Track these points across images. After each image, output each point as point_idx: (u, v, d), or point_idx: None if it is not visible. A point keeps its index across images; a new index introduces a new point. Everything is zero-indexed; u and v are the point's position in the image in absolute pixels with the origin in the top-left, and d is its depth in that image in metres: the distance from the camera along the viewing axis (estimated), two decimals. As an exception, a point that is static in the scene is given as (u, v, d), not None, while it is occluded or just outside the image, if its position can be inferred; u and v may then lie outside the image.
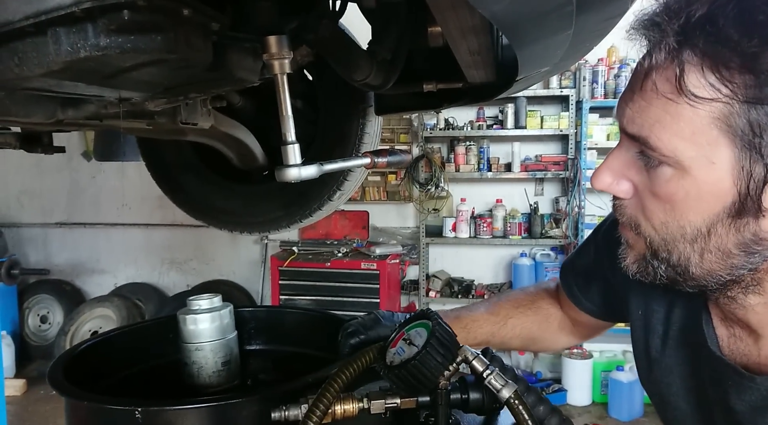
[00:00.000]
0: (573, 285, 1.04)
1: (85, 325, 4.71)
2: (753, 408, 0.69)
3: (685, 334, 0.79)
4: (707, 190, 0.60)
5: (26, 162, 5.12)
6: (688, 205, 0.61)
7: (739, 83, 0.55)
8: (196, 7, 0.68)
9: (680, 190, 0.61)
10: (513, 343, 1.15)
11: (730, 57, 0.54)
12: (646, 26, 0.60)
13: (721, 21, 0.54)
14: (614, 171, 0.68)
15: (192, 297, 1.06)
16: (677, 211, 0.63)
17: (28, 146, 1.52)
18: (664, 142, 0.59)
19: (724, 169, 0.58)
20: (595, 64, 4.21)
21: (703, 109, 0.56)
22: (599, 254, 0.96)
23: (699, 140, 0.58)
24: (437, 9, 0.63)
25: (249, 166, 1.72)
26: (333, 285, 4.32)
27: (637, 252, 0.70)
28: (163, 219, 5.07)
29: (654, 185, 0.64)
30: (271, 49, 0.81)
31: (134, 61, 0.68)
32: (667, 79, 0.58)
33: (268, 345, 1.26)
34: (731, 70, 0.55)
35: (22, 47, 0.63)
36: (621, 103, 0.66)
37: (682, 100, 0.57)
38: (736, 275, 0.64)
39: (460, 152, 4.46)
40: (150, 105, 0.98)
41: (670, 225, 0.64)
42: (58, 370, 0.94)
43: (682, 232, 0.63)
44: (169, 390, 1.07)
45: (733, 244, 0.61)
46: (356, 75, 1.13)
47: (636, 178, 0.67)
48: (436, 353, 0.73)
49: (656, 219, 0.65)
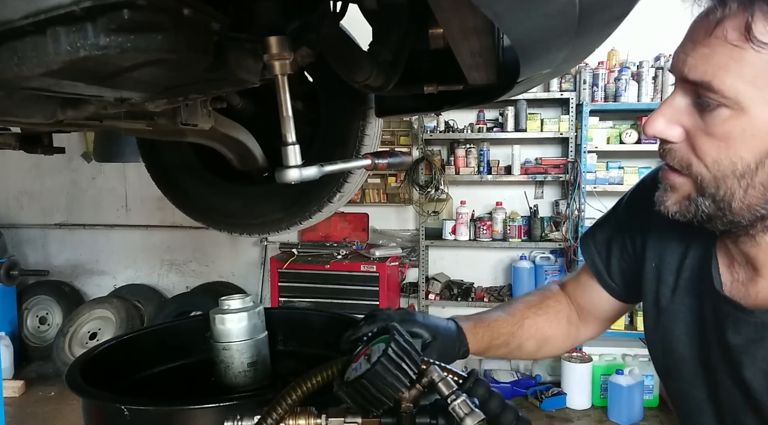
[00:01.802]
0: (595, 255, 1.08)
1: (84, 327, 4.71)
2: (748, 341, 0.78)
3: (692, 282, 0.88)
4: (762, 128, 0.67)
5: (26, 163, 5.12)
6: (742, 142, 0.69)
7: None
8: (197, 7, 0.68)
9: (736, 128, 0.68)
10: (528, 345, 1.15)
11: None
12: None
13: None
14: (667, 117, 0.74)
15: (224, 297, 1.07)
16: (731, 148, 0.69)
17: (28, 147, 1.52)
18: (727, 85, 0.66)
19: None
20: (595, 67, 4.21)
21: (766, 54, 0.64)
22: (620, 225, 1.04)
23: (759, 82, 0.65)
24: (439, 9, 0.63)
25: (249, 168, 1.71)
26: (332, 288, 4.32)
27: (681, 194, 0.77)
28: (163, 220, 5.07)
29: (709, 126, 0.70)
30: (271, 49, 0.80)
31: (134, 60, 0.68)
32: (735, 28, 0.65)
33: (301, 347, 1.26)
34: None
35: (21, 46, 0.62)
36: (679, 55, 0.72)
37: (747, 46, 0.64)
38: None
39: (460, 155, 4.45)
40: (150, 106, 0.98)
41: (723, 163, 0.71)
42: (79, 370, 0.94)
43: (733, 168, 0.70)
44: (194, 389, 1.08)
45: None
46: (357, 76, 1.13)
47: (688, 123, 0.73)
48: (386, 371, 0.67)
49: (709, 158, 0.72)
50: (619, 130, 4.22)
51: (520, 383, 4.21)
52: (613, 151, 4.23)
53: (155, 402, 0.83)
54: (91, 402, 0.91)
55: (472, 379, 0.75)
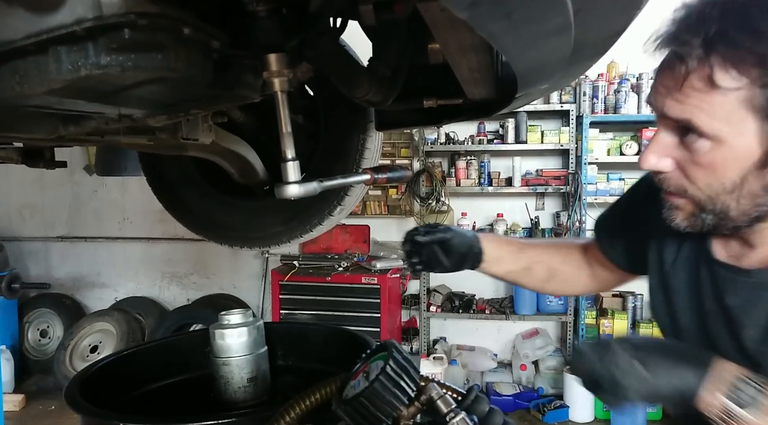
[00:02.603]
0: (604, 239, 1.22)
1: (84, 340, 4.69)
2: (745, 301, 0.87)
3: (690, 259, 0.99)
4: (740, 153, 0.78)
5: (28, 176, 5.14)
6: (726, 167, 0.80)
7: (755, 75, 0.74)
8: (196, 26, 0.69)
9: (719, 157, 0.80)
10: (538, 270, 1.29)
11: (745, 57, 0.73)
12: (673, 43, 0.78)
13: (732, 33, 0.73)
14: (656, 152, 0.86)
15: (224, 311, 1.07)
16: (718, 173, 0.81)
17: (30, 161, 1.53)
18: (704, 123, 0.78)
19: (752, 136, 0.77)
20: (595, 79, 4.23)
21: (731, 96, 0.75)
22: (625, 214, 1.19)
23: (731, 119, 0.77)
24: (437, 28, 0.64)
25: (250, 181, 1.72)
26: (333, 300, 4.31)
27: (687, 212, 0.88)
28: (164, 233, 5.07)
29: (695, 157, 0.82)
30: (271, 67, 0.81)
31: (135, 79, 0.68)
32: (700, 79, 0.76)
33: (301, 361, 1.26)
34: (748, 66, 0.74)
35: (23, 65, 0.63)
36: (657, 96, 0.83)
37: (714, 91, 0.76)
38: (761, 211, 0.83)
39: (461, 166, 4.46)
40: (151, 121, 0.98)
41: (713, 185, 0.82)
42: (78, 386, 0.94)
43: (723, 188, 0.82)
44: (194, 404, 1.08)
45: (759, 187, 0.81)
46: (357, 91, 1.14)
47: (676, 154, 0.85)
48: (384, 389, 0.66)
49: (701, 182, 0.83)
50: (620, 142, 4.22)
51: (522, 396, 4.18)
52: (613, 162, 4.23)
53: (153, 419, 0.83)
54: (90, 420, 0.91)
55: (471, 396, 0.75)
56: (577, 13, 0.54)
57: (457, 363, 4.29)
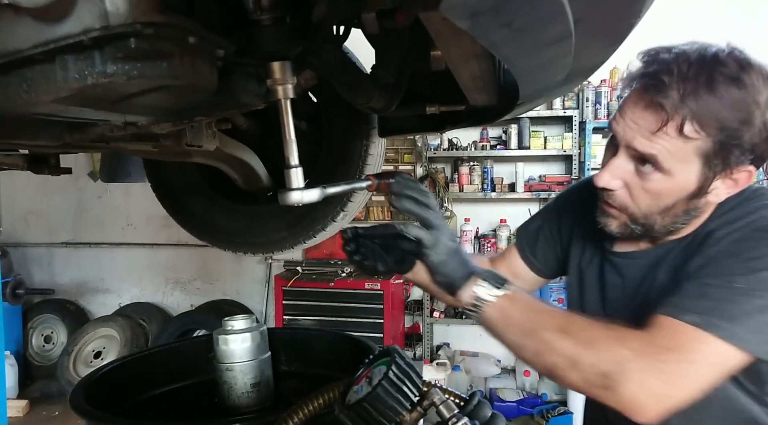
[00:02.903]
0: (525, 245, 1.36)
1: (88, 345, 4.70)
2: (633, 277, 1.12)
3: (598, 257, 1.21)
4: (681, 186, 0.98)
5: (33, 182, 5.15)
6: (668, 195, 0.99)
7: (712, 132, 0.92)
8: (201, 35, 0.70)
9: (665, 187, 0.98)
10: None
11: (709, 117, 0.91)
12: (657, 93, 0.92)
13: (703, 95, 0.91)
14: (612, 173, 1.02)
15: (227, 317, 1.07)
16: (660, 199, 1.00)
17: (35, 167, 1.54)
18: (666, 161, 0.95)
19: (694, 175, 0.97)
20: (598, 85, 4.23)
21: (691, 143, 0.94)
22: (548, 220, 1.34)
23: (685, 159, 0.95)
24: (439, 37, 0.64)
25: (253, 187, 1.73)
26: (337, 305, 4.30)
27: (620, 221, 1.06)
28: (168, 239, 5.08)
29: (646, 183, 0.99)
30: (274, 75, 0.82)
31: (140, 87, 0.69)
32: (674, 128, 0.93)
33: (304, 367, 1.26)
34: (710, 125, 0.92)
35: (30, 74, 0.64)
36: (627, 130, 0.98)
37: (680, 138, 0.93)
38: (676, 227, 1.05)
39: (464, 172, 4.47)
40: (156, 128, 0.99)
41: (652, 207, 1.01)
42: (83, 392, 0.94)
43: (658, 209, 1.01)
44: (197, 410, 1.08)
45: (681, 211, 1.02)
46: (359, 98, 1.14)
47: (628, 178, 1.01)
48: (387, 394, 0.67)
49: (643, 204, 1.02)
50: (623, 147, 4.22)
51: (526, 402, 4.17)
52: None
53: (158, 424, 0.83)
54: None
55: (473, 401, 0.76)
56: (577, 22, 0.54)
57: (460, 369, 4.28)
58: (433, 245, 0.96)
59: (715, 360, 0.91)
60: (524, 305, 0.96)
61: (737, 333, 0.89)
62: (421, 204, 0.98)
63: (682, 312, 0.91)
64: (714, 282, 0.94)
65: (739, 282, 0.92)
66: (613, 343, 0.89)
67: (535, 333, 0.92)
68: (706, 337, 0.89)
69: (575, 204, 1.27)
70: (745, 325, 0.90)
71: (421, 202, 0.98)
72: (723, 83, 0.91)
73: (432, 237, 0.97)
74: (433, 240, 0.97)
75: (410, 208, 0.97)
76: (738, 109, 0.92)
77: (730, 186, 1.00)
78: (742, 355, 0.91)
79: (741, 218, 1.01)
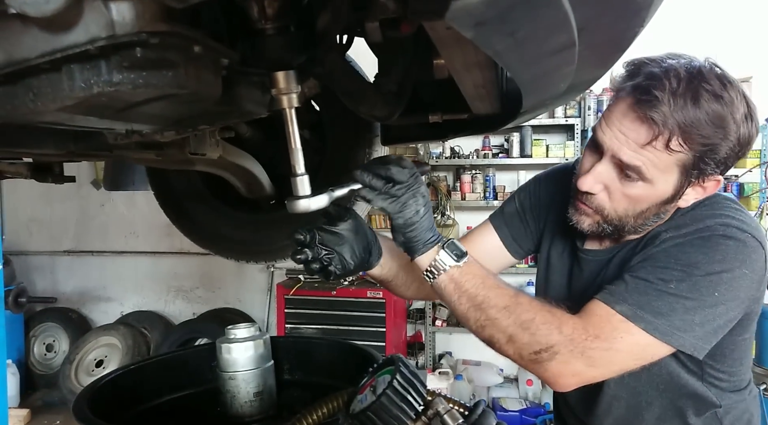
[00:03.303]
0: (502, 225, 1.40)
1: (90, 354, 4.69)
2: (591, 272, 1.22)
3: (567, 249, 1.30)
4: (659, 194, 1.05)
5: (36, 190, 5.17)
6: (645, 200, 1.06)
7: (693, 146, 0.98)
8: (206, 44, 0.70)
9: (644, 194, 1.05)
10: None
11: (695, 134, 0.97)
12: (649, 108, 0.96)
13: (691, 112, 0.96)
14: (595, 178, 1.07)
15: (230, 326, 1.07)
16: (638, 203, 1.07)
17: (39, 176, 1.54)
18: (650, 171, 1.01)
19: (672, 184, 1.04)
20: (599, 93, 4.24)
21: (673, 156, 1.00)
22: (522, 205, 1.39)
23: (666, 171, 1.02)
24: (442, 46, 0.65)
25: (256, 195, 1.73)
26: (339, 314, 4.29)
27: (593, 220, 1.12)
28: (170, 247, 5.08)
29: (626, 190, 1.05)
30: (279, 84, 0.82)
31: (146, 96, 0.70)
32: (662, 142, 0.98)
33: (307, 376, 1.25)
34: (694, 140, 0.98)
35: (37, 83, 0.64)
36: (614, 140, 1.03)
37: (665, 151, 0.99)
38: (644, 229, 1.12)
39: (466, 180, 4.47)
40: (160, 136, 0.99)
41: (628, 211, 1.08)
42: (86, 401, 0.93)
43: (633, 213, 1.08)
44: (200, 419, 1.08)
45: (653, 214, 1.08)
46: (362, 107, 1.15)
47: (609, 183, 1.07)
48: (391, 403, 0.67)
49: (621, 207, 1.08)
50: (625, 156, 4.23)
51: (529, 411, 4.14)
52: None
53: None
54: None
55: (478, 411, 0.75)
56: (581, 31, 0.54)
57: (463, 378, 4.26)
58: (399, 211, 1.00)
59: (635, 349, 1.01)
60: (477, 279, 1.03)
61: (660, 327, 0.99)
62: (383, 178, 1.00)
63: (615, 302, 1.01)
64: (650, 279, 1.03)
65: (672, 282, 1.01)
66: (549, 327, 0.99)
67: (482, 308, 1.01)
68: (631, 328, 0.99)
69: (553, 190, 1.34)
70: (669, 321, 1.00)
71: (382, 176, 1.00)
72: (708, 100, 0.96)
73: (397, 205, 0.99)
74: (399, 207, 0.99)
75: (370, 197, 1.00)
76: (718, 125, 0.97)
77: (699, 193, 1.08)
78: (662, 347, 1.01)
79: (689, 224, 1.08)
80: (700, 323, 1.01)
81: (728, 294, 1.02)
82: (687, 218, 1.10)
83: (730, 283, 1.02)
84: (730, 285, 1.02)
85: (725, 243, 1.03)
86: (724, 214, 1.08)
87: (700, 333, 1.01)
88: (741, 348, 1.17)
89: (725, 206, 1.10)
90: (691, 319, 1.00)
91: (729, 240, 1.04)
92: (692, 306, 1.00)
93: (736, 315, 1.06)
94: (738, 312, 1.06)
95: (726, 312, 1.03)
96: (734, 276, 1.02)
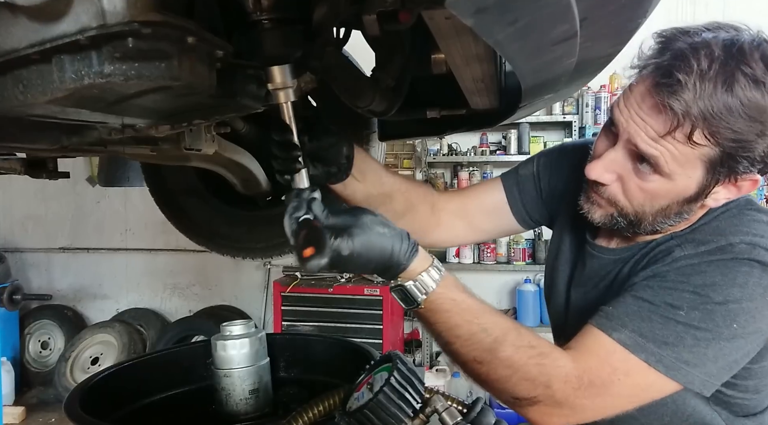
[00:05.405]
0: (514, 186, 1.28)
1: (86, 351, 4.67)
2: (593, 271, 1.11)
3: (577, 237, 1.19)
4: (679, 190, 0.93)
5: (31, 187, 5.14)
6: (663, 196, 0.94)
7: (722, 141, 0.85)
8: (200, 35, 0.69)
9: (662, 189, 0.93)
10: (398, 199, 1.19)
11: (723, 127, 0.84)
12: (671, 95, 0.84)
13: (720, 100, 0.82)
14: (606, 166, 0.95)
15: (226, 322, 1.06)
16: (655, 199, 0.94)
17: (33, 172, 1.52)
18: (668, 164, 0.89)
19: (695, 181, 0.91)
20: (597, 90, 4.24)
21: (697, 150, 0.87)
22: (539, 173, 1.28)
23: (686, 165, 0.89)
24: (441, 37, 0.63)
25: (252, 192, 1.71)
26: (336, 311, 4.29)
27: (606, 212, 1.00)
28: (166, 244, 5.06)
29: (643, 183, 0.93)
30: (275, 79, 0.81)
31: (138, 88, 0.68)
32: (682, 133, 0.86)
33: (303, 373, 1.25)
34: (723, 135, 0.85)
35: (26, 74, 0.63)
36: (632, 124, 0.90)
37: (687, 144, 0.87)
38: (662, 228, 0.99)
39: (464, 177, 4.46)
40: (154, 131, 0.98)
41: (645, 206, 0.96)
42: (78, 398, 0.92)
43: (651, 209, 0.96)
44: (195, 417, 1.07)
45: (674, 213, 0.96)
46: (360, 102, 1.13)
47: (624, 173, 0.95)
48: (389, 401, 0.66)
49: (636, 202, 0.96)
50: (622, 153, 4.22)
51: (526, 408, 4.15)
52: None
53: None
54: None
55: (477, 408, 0.74)
56: (583, 21, 0.53)
57: (459, 375, 4.26)
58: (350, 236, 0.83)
59: (634, 392, 0.89)
60: (464, 309, 0.88)
61: (664, 359, 0.86)
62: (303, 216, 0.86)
63: (612, 328, 0.89)
64: (656, 301, 0.89)
65: (682, 309, 0.87)
66: (536, 376, 0.85)
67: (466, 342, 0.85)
68: (631, 363, 0.87)
69: (579, 165, 1.07)
70: (676, 352, 0.86)
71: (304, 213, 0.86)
72: (744, 86, 0.81)
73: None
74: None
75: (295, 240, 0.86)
76: (755, 117, 0.83)
77: (733, 192, 0.94)
78: (666, 383, 0.87)
79: (709, 240, 0.94)
80: (714, 358, 0.87)
81: (749, 327, 0.88)
82: (707, 231, 0.96)
83: (752, 314, 0.87)
84: (752, 316, 0.87)
85: (750, 265, 0.89)
86: (751, 232, 0.93)
87: (712, 369, 0.88)
88: (758, 376, 0.99)
89: (754, 219, 0.96)
90: (703, 353, 0.86)
91: (755, 265, 0.89)
92: (704, 337, 0.86)
93: (754, 348, 0.92)
94: (757, 345, 0.92)
95: (744, 346, 0.90)
96: (756, 307, 0.88)
